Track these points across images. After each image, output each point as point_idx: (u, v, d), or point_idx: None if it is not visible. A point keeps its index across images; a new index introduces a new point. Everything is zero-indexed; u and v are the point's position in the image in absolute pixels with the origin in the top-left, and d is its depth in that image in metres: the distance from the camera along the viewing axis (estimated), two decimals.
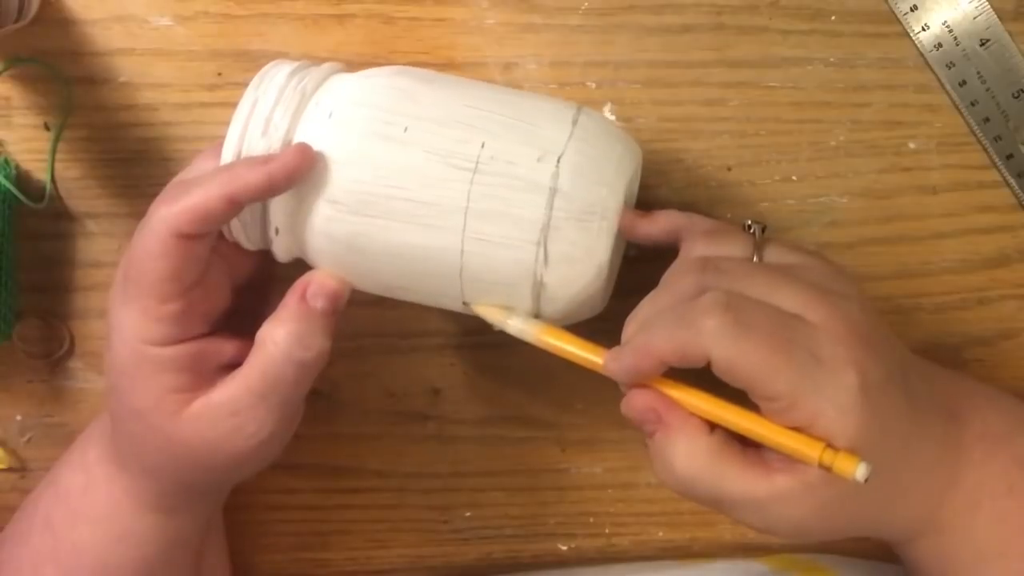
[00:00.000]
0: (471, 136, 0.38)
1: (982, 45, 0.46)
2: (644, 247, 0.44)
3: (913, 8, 0.46)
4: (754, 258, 0.39)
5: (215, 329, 0.41)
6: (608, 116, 0.47)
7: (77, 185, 0.48)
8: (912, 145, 0.48)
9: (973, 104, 0.47)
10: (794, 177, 0.48)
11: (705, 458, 0.37)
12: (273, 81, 0.40)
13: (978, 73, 0.46)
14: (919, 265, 0.49)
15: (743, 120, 0.47)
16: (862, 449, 0.35)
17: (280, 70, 0.40)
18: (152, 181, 0.48)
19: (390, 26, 0.47)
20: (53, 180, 0.48)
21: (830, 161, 0.48)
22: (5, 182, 0.46)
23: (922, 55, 0.47)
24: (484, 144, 0.38)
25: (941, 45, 0.46)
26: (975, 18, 0.46)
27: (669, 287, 0.39)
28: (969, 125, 0.47)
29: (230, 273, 0.42)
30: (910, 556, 0.42)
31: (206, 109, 0.47)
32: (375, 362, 0.50)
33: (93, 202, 0.48)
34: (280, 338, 0.38)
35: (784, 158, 0.48)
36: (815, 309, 0.36)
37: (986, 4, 0.46)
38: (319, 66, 0.41)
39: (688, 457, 0.37)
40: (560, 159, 0.38)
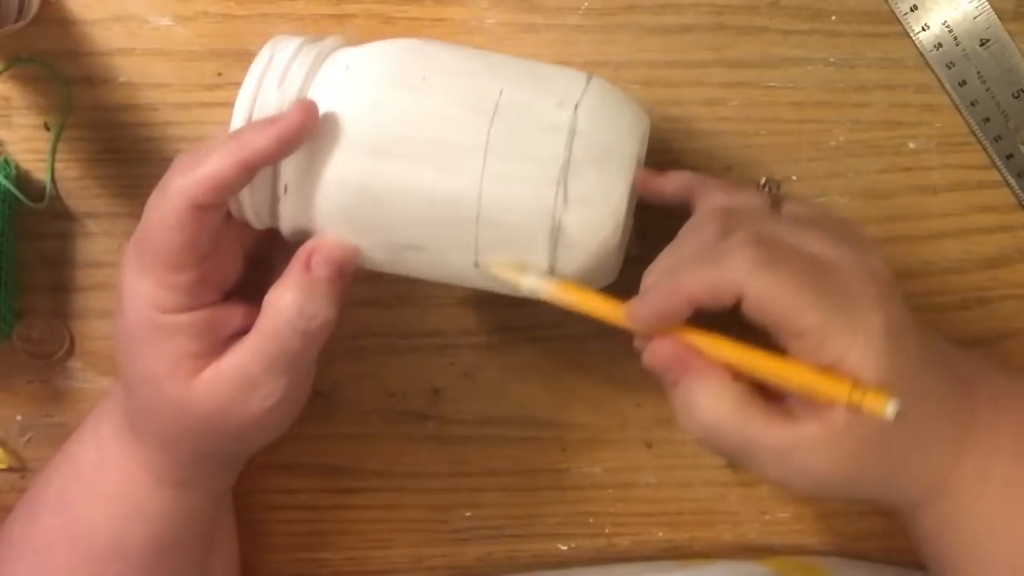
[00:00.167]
0: (489, 84, 0.38)
1: (982, 45, 0.46)
2: (646, 243, 0.44)
3: (913, 8, 0.46)
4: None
5: (227, 297, 0.41)
6: None
7: (77, 185, 0.48)
8: (912, 145, 0.48)
9: (973, 104, 0.47)
10: (794, 177, 0.48)
11: (732, 404, 0.36)
12: (289, 42, 0.40)
13: (978, 73, 0.46)
14: (919, 265, 0.49)
15: (743, 120, 0.47)
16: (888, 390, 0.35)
17: (292, 39, 0.40)
18: (152, 181, 0.46)
19: (390, 26, 0.47)
20: (53, 180, 0.48)
21: (830, 161, 0.48)
22: (5, 182, 0.46)
23: (922, 55, 0.47)
24: (502, 91, 0.38)
25: (941, 45, 0.46)
26: (975, 18, 0.46)
27: (691, 235, 0.39)
28: (969, 125, 0.47)
29: (241, 242, 0.42)
30: (920, 527, 0.41)
31: (206, 109, 0.47)
32: (375, 362, 0.50)
33: (93, 202, 0.48)
34: (284, 306, 0.38)
35: (784, 158, 0.48)
36: (841, 254, 0.37)
37: (986, 4, 0.46)
38: (331, 37, 0.41)
39: (714, 403, 0.37)
40: (578, 106, 0.38)
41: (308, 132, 0.37)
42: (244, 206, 0.40)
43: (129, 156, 0.48)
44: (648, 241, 0.42)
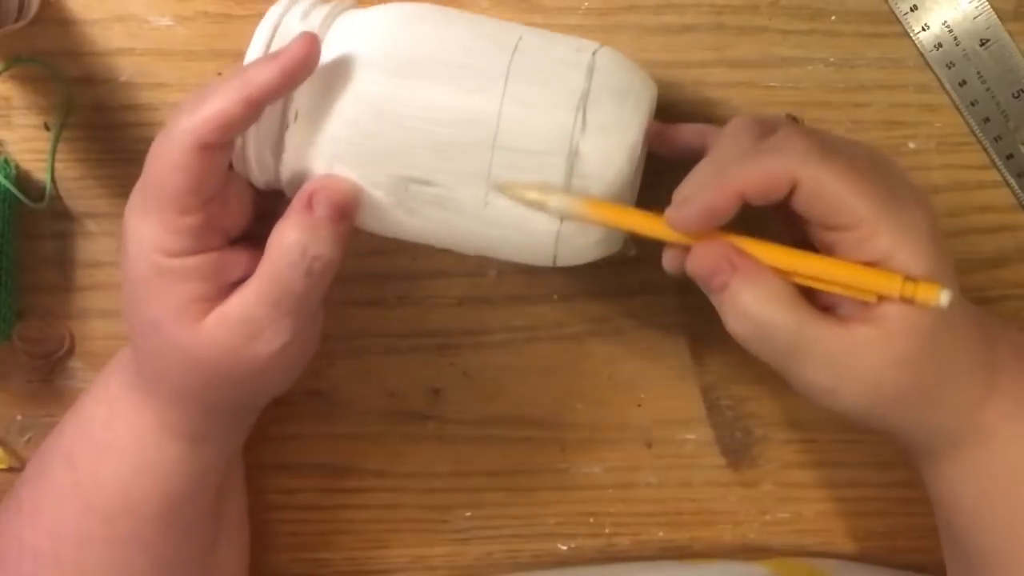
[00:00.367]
0: (508, 30, 0.40)
1: (982, 45, 0.46)
2: (645, 243, 0.44)
3: (913, 8, 0.46)
4: None
5: (233, 244, 0.40)
6: None
7: (77, 185, 0.48)
8: (912, 145, 0.48)
9: (973, 104, 0.47)
10: None
11: (786, 301, 0.36)
12: None
13: (978, 73, 0.46)
14: None
15: None
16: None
17: None
18: None
19: None
20: (53, 180, 0.48)
21: None
22: (5, 182, 0.46)
23: (922, 55, 0.47)
24: (522, 36, 0.39)
25: (941, 45, 0.46)
26: (975, 18, 0.46)
27: (724, 144, 0.39)
28: (969, 125, 0.47)
29: (249, 189, 0.41)
30: (947, 475, 0.40)
31: None
32: (375, 362, 0.50)
33: (93, 202, 0.48)
34: (287, 247, 0.38)
35: None
36: (880, 159, 0.37)
37: (986, 4, 0.46)
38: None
39: (767, 300, 0.36)
40: (595, 52, 0.39)
41: (312, 65, 0.37)
42: (249, 143, 0.39)
43: (129, 156, 0.48)
44: (648, 241, 0.42)
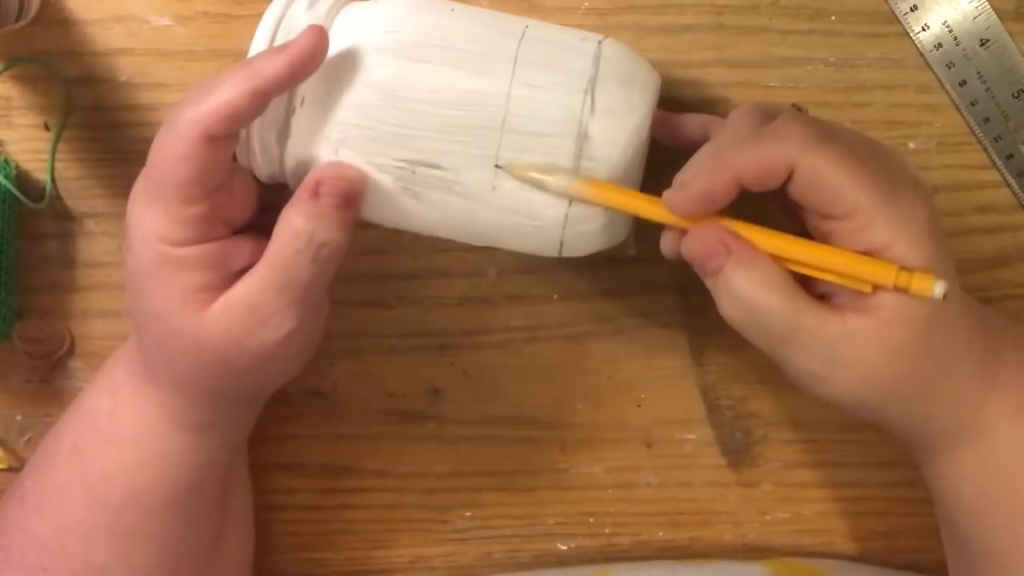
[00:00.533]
0: (513, 20, 0.40)
1: (982, 45, 0.46)
2: (645, 243, 0.44)
3: (913, 8, 0.46)
4: None
5: (237, 234, 0.40)
6: None
7: (77, 185, 0.48)
8: (912, 145, 0.48)
9: (973, 104, 0.47)
10: None
11: (780, 286, 0.36)
12: None
13: (978, 73, 0.46)
14: None
15: None
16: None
17: None
18: None
19: None
20: (53, 180, 0.48)
21: None
22: (5, 182, 0.46)
23: (922, 55, 0.47)
24: (528, 26, 0.40)
25: (941, 45, 0.46)
26: (975, 18, 0.46)
27: (727, 129, 0.39)
28: (969, 125, 0.47)
29: (254, 180, 0.41)
30: (949, 470, 0.40)
31: None
32: (375, 362, 0.50)
33: (93, 202, 0.48)
34: (293, 234, 0.38)
35: None
36: (878, 147, 0.37)
37: (986, 4, 0.46)
38: None
39: (761, 285, 0.36)
40: (601, 41, 0.40)
41: (320, 58, 0.37)
42: (253, 133, 0.39)
43: (129, 156, 0.48)
44: (648, 241, 0.42)
